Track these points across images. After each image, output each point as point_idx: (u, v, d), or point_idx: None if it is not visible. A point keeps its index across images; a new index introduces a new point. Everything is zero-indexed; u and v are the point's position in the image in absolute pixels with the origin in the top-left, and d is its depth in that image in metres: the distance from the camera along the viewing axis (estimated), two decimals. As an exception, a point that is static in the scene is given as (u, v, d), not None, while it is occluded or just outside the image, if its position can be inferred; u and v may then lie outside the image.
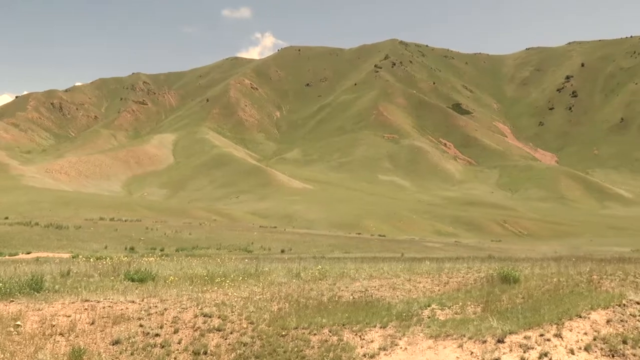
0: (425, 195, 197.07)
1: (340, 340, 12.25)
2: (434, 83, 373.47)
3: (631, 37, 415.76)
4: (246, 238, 74.41)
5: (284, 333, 12.63)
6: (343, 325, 12.98)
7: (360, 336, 12.40)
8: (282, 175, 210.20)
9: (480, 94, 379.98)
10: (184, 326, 13.13)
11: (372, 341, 12.12)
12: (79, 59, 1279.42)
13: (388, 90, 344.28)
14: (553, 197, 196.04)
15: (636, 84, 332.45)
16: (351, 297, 16.60)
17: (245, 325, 13.15)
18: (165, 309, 13.99)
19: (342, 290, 17.55)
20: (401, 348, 11.71)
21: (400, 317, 13.44)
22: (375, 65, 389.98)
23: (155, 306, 14.23)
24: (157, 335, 12.65)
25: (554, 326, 11.62)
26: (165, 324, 13.19)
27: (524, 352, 10.72)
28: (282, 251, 62.94)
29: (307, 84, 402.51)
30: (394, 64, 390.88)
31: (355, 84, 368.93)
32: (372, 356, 11.58)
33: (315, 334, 12.58)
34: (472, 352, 10.97)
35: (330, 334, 12.53)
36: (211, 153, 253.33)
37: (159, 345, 12.27)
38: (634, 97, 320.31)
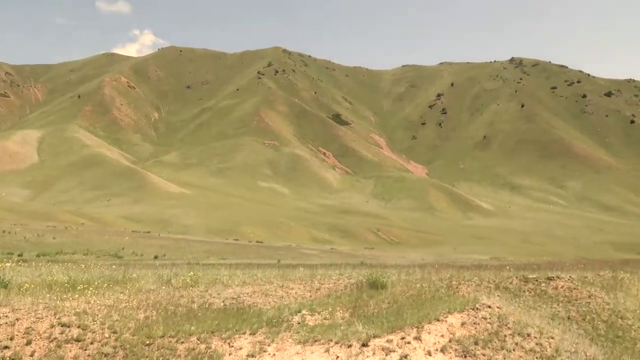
0: (303, 202, 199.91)
1: (209, 347, 12.03)
2: (315, 93, 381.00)
3: (494, 61, 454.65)
4: (117, 243, 70.98)
5: (149, 342, 12.16)
6: (212, 332, 12.77)
7: (229, 343, 12.26)
8: (158, 178, 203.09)
9: (359, 106, 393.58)
10: (38, 337, 12.19)
11: (240, 348, 12.03)
12: None
13: (270, 97, 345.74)
14: (423, 208, 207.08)
15: (498, 105, 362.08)
16: (222, 304, 16.40)
17: (107, 335, 12.48)
18: (17, 319, 12.91)
19: (213, 297, 17.28)
20: (269, 354, 11.74)
21: (270, 324, 13.48)
22: (258, 72, 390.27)
23: (6, 316, 13.07)
24: (6, 347, 11.63)
25: (415, 329, 12.25)
26: (17, 335, 12.17)
27: (386, 354, 11.19)
28: (156, 257, 60.83)
29: (188, 86, 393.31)
30: (277, 72, 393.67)
31: (238, 89, 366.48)
32: (240, 363, 11.51)
33: (182, 342, 12.24)
34: (337, 357, 11.25)
35: (199, 342, 12.27)
36: (81, 153, 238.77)
37: (8, 358, 11.29)
38: (496, 117, 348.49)
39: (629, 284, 23.94)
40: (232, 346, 12.14)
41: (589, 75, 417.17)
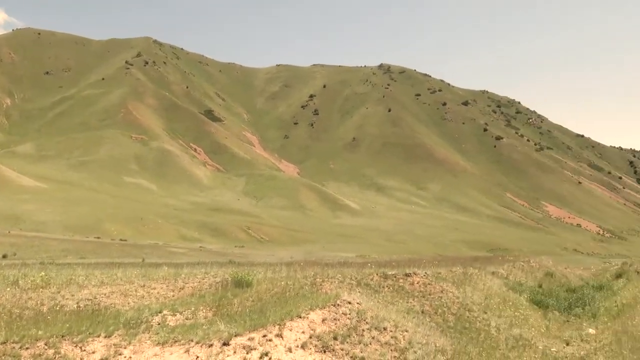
0: (172, 199, 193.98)
1: (57, 353, 11.24)
2: (187, 87, 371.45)
3: (365, 66, 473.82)
4: (-43, 241, 64.21)
5: (-13, 350, 11.11)
6: (62, 336, 11.95)
7: (81, 347, 11.55)
8: (9, 170, 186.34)
9: (232, 102, 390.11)
10: None
11: (93, 352, 11.39)
12: None
13: (139, 89, 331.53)
14: (294, 206, 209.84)
15: (367, 108, 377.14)
16: (76, 305, 15.44)
17: (-64, 344, 11.22)
18: None
19: (66, 299, 16.21)
20: (125, 357, 11.23)
21: (128, 325, 12.90)
22: (127, 62, 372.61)
23: None
24: None
25: (277, 327, 12.35)
26: None
27: (247, 352, 11.16)
28: (4, 256, 55.89)
29: (47, 72, 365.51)
30: (147, 63, 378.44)
31: (103, 79, 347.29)
32: (93, 368, 10.89)
33: (27, 348, 11.32)
34: (197, 357, 11.04)
35: (46, 347, 11.42)
36: None
37: None
38: (365, 120, 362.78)
39: (476, 279, 26.03)
40: (84, 350, 11.46)
41: (449, 84, 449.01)
